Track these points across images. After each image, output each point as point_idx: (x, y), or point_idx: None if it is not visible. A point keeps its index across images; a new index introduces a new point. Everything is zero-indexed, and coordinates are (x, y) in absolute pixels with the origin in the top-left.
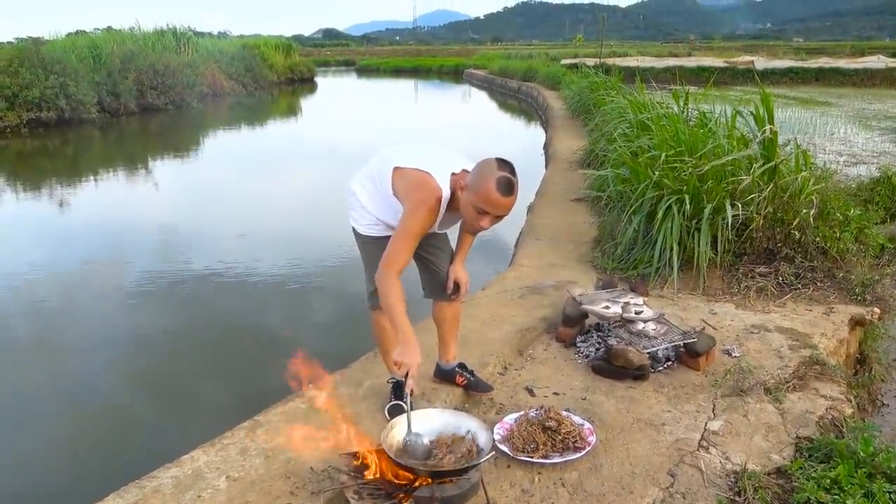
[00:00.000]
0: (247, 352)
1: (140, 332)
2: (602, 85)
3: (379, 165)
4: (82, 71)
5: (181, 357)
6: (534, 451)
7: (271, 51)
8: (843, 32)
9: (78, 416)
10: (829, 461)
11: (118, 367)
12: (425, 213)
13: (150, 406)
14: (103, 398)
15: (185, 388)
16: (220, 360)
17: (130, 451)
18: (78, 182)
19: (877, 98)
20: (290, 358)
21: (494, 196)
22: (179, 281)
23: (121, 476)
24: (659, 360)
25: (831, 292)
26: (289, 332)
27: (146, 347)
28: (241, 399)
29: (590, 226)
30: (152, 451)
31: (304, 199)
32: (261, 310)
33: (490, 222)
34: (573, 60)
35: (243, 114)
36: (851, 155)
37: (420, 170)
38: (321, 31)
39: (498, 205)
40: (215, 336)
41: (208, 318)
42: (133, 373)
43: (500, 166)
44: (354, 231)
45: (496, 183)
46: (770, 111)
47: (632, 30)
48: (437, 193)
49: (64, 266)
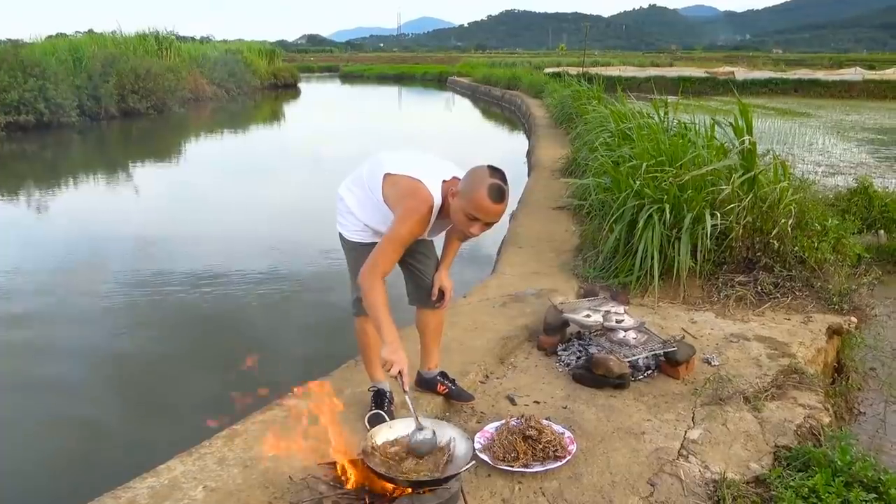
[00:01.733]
0: (225, 359)
1: (115, 340)
2: (585, 94)
3: (369, 171)
4: (62, 74)
5: (157, 364)
6: (514, 460)
7: (255, 56)
8: (822, 45)
9: (51, 425)
10: (807, 470)
11: (92, 375)
12: (416, 221)
13: (125, 414)
14: (77, 407)
15: (162, 396)
16: (197, 367)
17: (105, 461)
18: (56, 187)
19: (854, 109)
20: (269, 366)
21: (486, 203)
22: (157, 288)
23: (95, 486)
24: (639, 368)
25: (809, 301)
26: (268, 339)
27: (121, 355)
28: (219, 407)
29: (571, 234)
30: (127, 460)
31: (286, 205)
32: (240, 317)
33: (480, 229)
34: (556, 69)
35: (226, 119)
36: (829, 165)
37: (411, 177)
38: (305, 37)
39: (489, 212)
40: (192, 343)
41: (185, 326)
42: (108, 380)
43: (491, 173)
44: (341, 236)
45: (488, 190)
46: (749, 122)
47: (614, 39)
48: (428, 202)
49: (39, 272)
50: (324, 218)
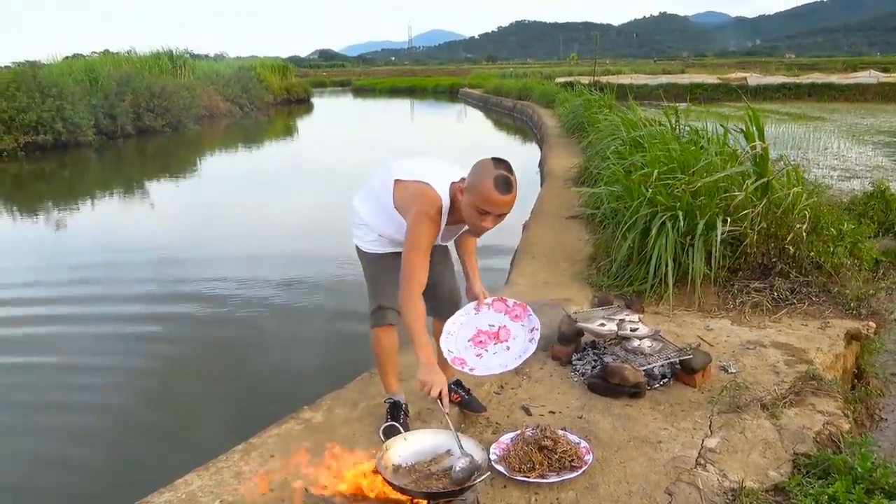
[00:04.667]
0: (240, 373)
1: (133, 355)
2: (596, 103)
3: (379, 180)
4: (79, 94)
5: (174, 379)
6: (530, 471)
7: (267, 72)
8: (835, 48)
9: (70, 439)
10: (827, 477)
11: (110, 390)
12: (428, 224)
13: (143, 429)
14: (96, 422)
15: (179, 410)
16: (213, 381)
17: (122, 475)
18: (75, 205)
19: (869, 113)
20: (284, 379)
21: (494, 195)
22: (173, 303)
23: (112, 501)
24: (655, 377)
25: (826, 307)
26: (282, 353)
27: (139, 370)
28: (236, 421)
29: (585, 243)
30: (145, 475)
31: (300, 221)
32: (254, 330)
33: (493, 222)
34: (567, 79)
35: (240, 135)
36: (845, 169)
37: (420, 181)
38: (317, 52)
39: (498, 203)
40: (208, 357)
41: (202, 340)
42: (126, 395)
43: (496, 165)
44: (357, 249)
45: (494, 182)
46: (760, 127)
47: (625, 48)
48: (437, 203)
49: (58, 289)
50: (338, 230)
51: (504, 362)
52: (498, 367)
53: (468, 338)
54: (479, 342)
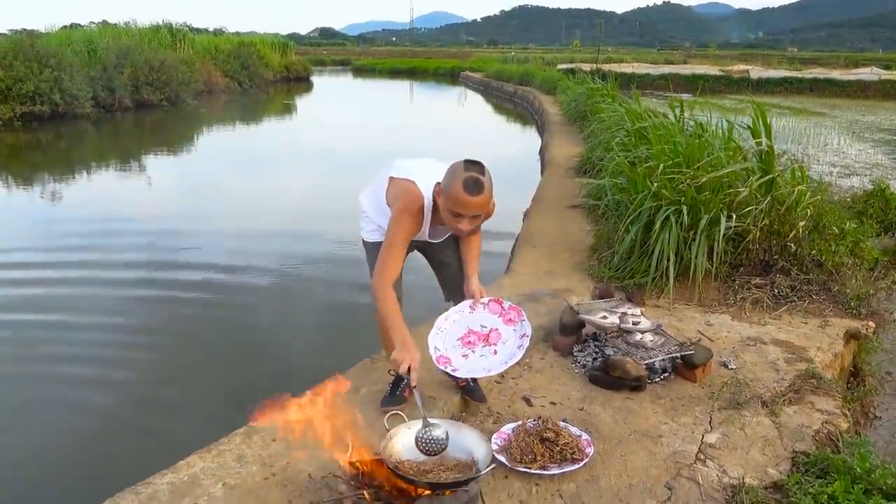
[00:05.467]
0: (240, 356)
1: (131, 335)
2: (599, 92)
3: (381, 177)
4: (77, 65)
5: (174, 361)
6: (532, 462)
7: (267, 49)
8: (838, 43)
9: (69, 421)
10: (826, 476)
11: (109, 371)
12: (408, 219)
13: (142, 411)
14: (95, 402)
15: (179, 393)
16: (213, 364)
17: (123, 457)
18: (71, 177)
19: (870, 110)
20: (285, 363)
21: (462, 197)
22: (171, 283)
23: (113, 482)
24: (656, 371)
25: (826, 305)
26: (283, 336)
27: (137, 349)
28: (236, 404)
29: (586, 234)
30: (145, 456)
31: (299, 199)
32: (255, 313)
33: (468, 223)
34: (569, 65)
35: (239, 112)
36: (845, 166)
37: (407, 179)
38: (318, 30)
39: (467, 204)
40: (208, 340)
41: (201, 322)
42: (124, 376)
43: (466, 167)
44: (363, 240)
45: (463, 184)
46: (767, 125)
47: (627, 36)
48: (419, 200)
49: (53, 263)
50: (337, 212)
51: (488, 366)
52: (482, 371)
53: (458, 336)
54: (467, 342)
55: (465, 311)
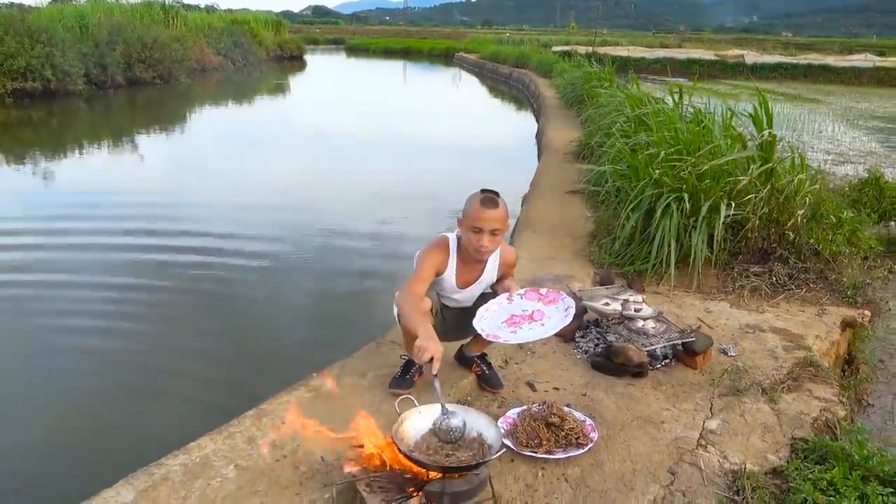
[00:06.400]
0: (248, 340)
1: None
2: (596, 76)
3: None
4: (69, 41)
5: (182, 344)
6: (538, 447)
7: (260, 27)
8: (832, 29)
9: (76, 403)
10: (825, 463)
11: (117, 354)
12: (430, 253)
13: (151, 393)
14: (103, 382)
15: (188, 376)
16: (221, 347)
17: (134, 438)
18: (63, 154)
19: (864, 97)
20: (292, 347)
21: (478, 210)
22: (179, 264)
23: (122, 462)
24: (657, 357)
25: (823, 294)
26: (291, 320)
27: (143, 332)
28: (246, 387)
29: (585, 219)
30: (155, 438)
31: (298, 178)
32: (263, 297)
33: (488, 240)
34: (565, 48)
35: (232, 90)
36: (839, 154)
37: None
38: (310, 8)
39: (483, 218)
40: (214, 323)
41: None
42: (134, 359)
43: (482, 191)
44: None
45: (479, 200)
46: (769, 114)
47: (622, 19)
48: (444, 240)
49: (54, 243)
50: (340, 193)
51: (539, 334)
52: (533, 337)
53: (501, 320)
54: (512, 323)
55: (503, 302)
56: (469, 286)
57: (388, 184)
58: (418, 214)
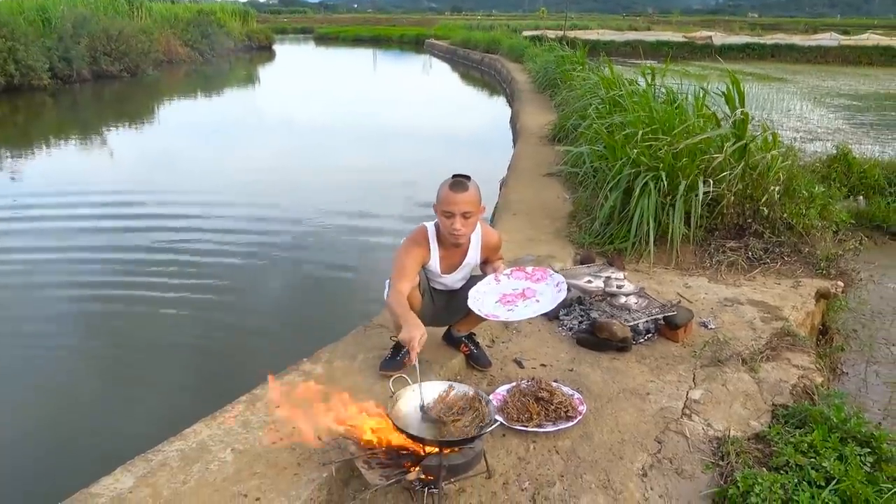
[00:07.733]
0: (237, 326)
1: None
2: (568, 59)
3: None
4: (32, 35)
5: (169, 336)
6: (528, 421)
7: (228, 17)
8: (796, 9)
9: (67, 391)
10: (804, 427)
11: (106, 345)
12: (410, 244)
13: (141, 381)
14: (91, 375)
15: (177, 366)
16: (209, 335)
17: (128, 425)
18: (30, 152)
19: (829, 75)
20: (281, 332)
21: (448, 195)
22: (166, 255)
23: (118, 449)
24: (640, 332)
25: (798, 266)
26: (277, 306)
27: (131, 322)
28: (236, 374)
29: (564, 201)
30: (146, 428)
31: (271, 171)
32: (249, 284)
33: (460, 222)
34: (535, 32)
35: (201, 82)
36: (808, 132)
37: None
38: None
39: (453, 201)
40: (203, 311)
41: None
42: (120, 353)
43: (453, 176)
44: None
45: (449, 184)
46: (741, 93)
47: (591, 2)
48: (422, 230)
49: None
50: (318, 183)
51: (537, 309)
52: (530, 314)
53: (495, 300)
54: (507, 301)
55: (491, 283)
56: (454, 270)
57: (365, 173)
58: (396, 204)
